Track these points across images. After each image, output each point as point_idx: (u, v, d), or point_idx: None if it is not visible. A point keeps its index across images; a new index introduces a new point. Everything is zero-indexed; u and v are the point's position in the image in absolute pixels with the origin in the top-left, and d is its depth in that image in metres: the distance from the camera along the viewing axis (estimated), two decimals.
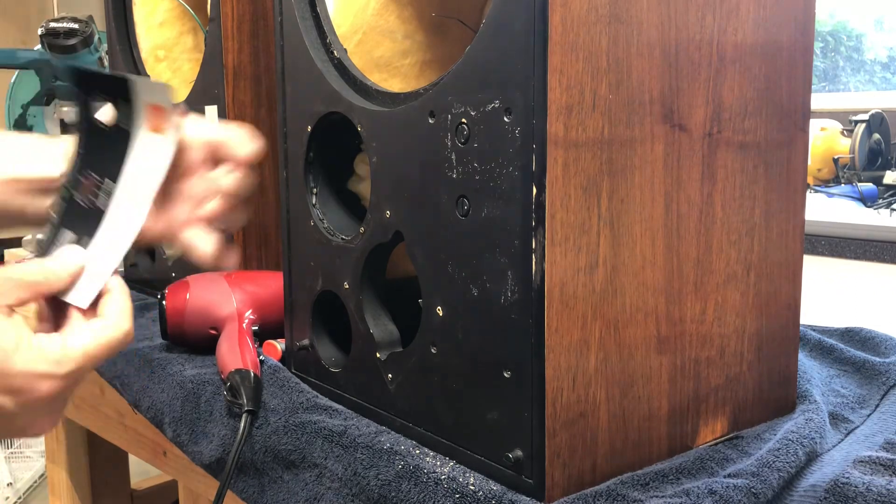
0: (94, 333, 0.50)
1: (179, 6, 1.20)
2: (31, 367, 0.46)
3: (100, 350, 0.50)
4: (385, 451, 0.67)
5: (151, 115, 0.55)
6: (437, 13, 0.86)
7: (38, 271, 0.50)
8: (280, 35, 0.80)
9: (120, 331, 0.51)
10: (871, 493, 0.58)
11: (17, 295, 0.49)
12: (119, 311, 0.51)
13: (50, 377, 0.47)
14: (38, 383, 0.47)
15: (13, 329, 0.47)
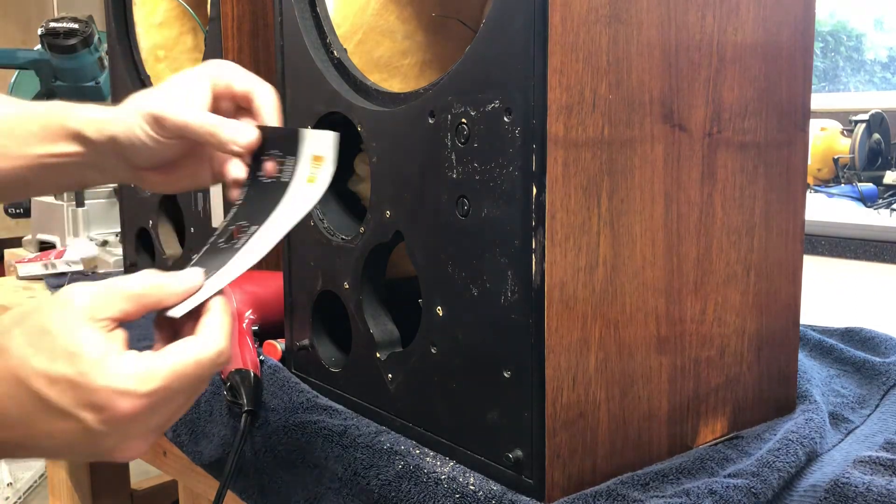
0: (184, 352, 0.47)
1: (179, 6, 1.20)
2: (113, 384, 0.44)
3: (190, 369, 0.47)
4: (385, 451, 0.67)
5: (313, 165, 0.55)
6: (437, 13, 0.86)
7: (149, 284, 0.49)
8: (280, 35, 0.80)
9: (213, 350, 0.48)
10: (871, 493, 0.58)
11: (121, 307, 0.47)
12: (215, 330, 0.49)
13: (131, 395, 0.45)
14: (119, 400, 0.45)
15: (104, 344, 0.45)
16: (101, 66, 1.79)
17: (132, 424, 0.46)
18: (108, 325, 0.46)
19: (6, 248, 1.83)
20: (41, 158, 0.65)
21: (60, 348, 0.44)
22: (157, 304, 0.49)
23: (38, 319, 0.46)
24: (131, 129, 0.61)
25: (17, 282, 1.44)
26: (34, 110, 0.66)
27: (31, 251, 1.64)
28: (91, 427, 0.45)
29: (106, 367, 0.45)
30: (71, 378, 0.44)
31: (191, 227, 1.09)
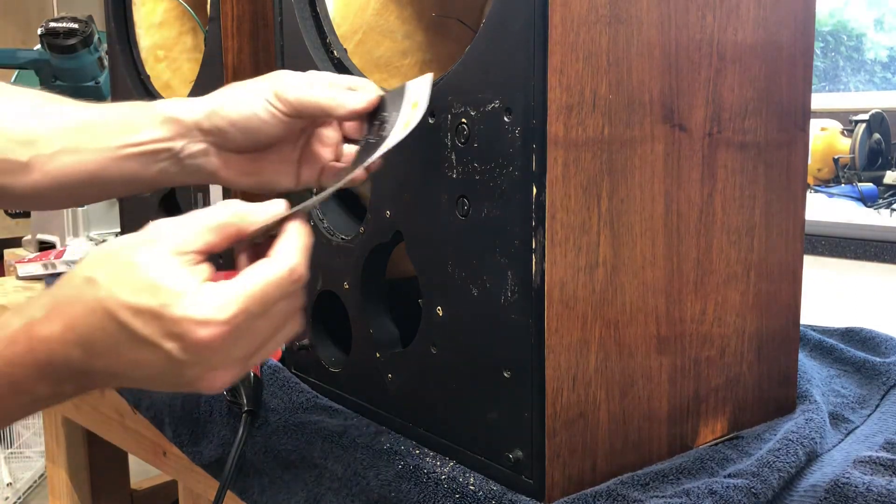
0: (257, 275, 0.47)
1: (179, 6, 1.20)
2: (192, 313, 0.45)
3: (263, 289, 0.47)
4: (385, 451, 0.67)
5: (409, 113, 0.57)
6: (437, 13, 0.86)
7: (230, 213, 0.49)
8: (280, 35, 0.80)
9: (285, 267, 0.48)
10: (871, 493, 0.58)
11: (205, 239, 0.48)
12: (287, 249, 0.49)
13: (210, 323, 0.45)
14: (199, 329, 0.45)
15: (186, 277, 0.46)
16: (101, 66, 1.79)
17: (215, 353, 0.46)
18: (193, 259, 0.47)
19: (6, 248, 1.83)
20: (117, 150, 0.64)
21: (144, 281, 0.46)
22: (238, 232, 0.49)
23: (124, 254, 0.47)
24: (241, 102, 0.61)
25: (17, 282, 1.44)
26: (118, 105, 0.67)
27: (31, 251, 1.64)
28: (175, 356, 0.46)
29: (186, 297, 0.46)
30: (153, 309, 0.45)
31: None
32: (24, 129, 0.65)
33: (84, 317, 0.47)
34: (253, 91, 0.62)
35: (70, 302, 0.47)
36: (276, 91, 0.61)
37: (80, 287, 0.47)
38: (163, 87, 1.21)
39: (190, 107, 0.64)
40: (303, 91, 0.61)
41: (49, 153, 0.65)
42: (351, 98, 0.61)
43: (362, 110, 0.61)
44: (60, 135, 0.65)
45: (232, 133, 0.63)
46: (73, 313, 0.47)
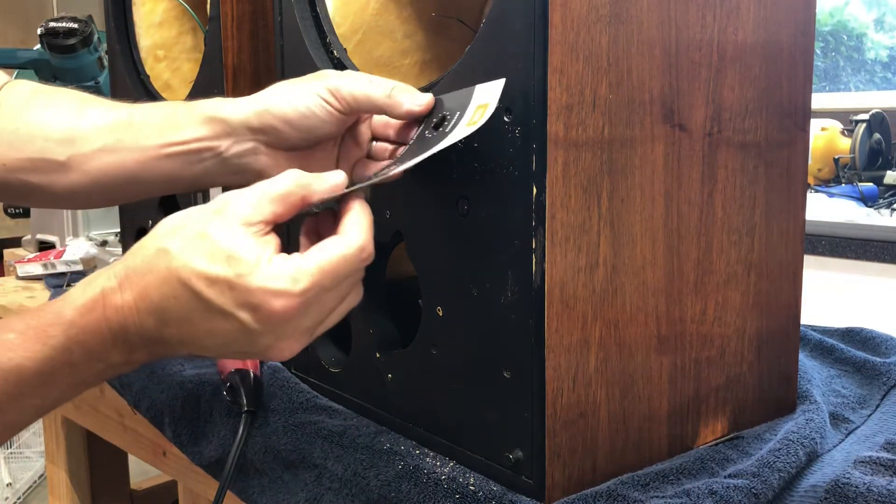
0: (328, 250, 0.49)
1: (179, 6, 1.20)
2: (267, 284, 0.47)
3: (335, 264, 0.49)
4: (385, 452, 0.67)
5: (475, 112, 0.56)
6: (437, 13, 0.86)
7: (293, 183, 0.50)
8: (280, 35, 0.80)
9: (355, 245, 0.50)
10: (871, 494, 0.58)
11: (271, 210, 0.49)
12: (356, 227, 0.51)
13: (285, 294, 0.47)
14: (274, 300, 0.47)
15: (258, 247, 0.48)
16: (101, 65, 1.79)
17: (286, 324, 0.48)
18: (261, 230, 0.49)
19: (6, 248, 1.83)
20: (159, 150, 0.65)
21: (219, 251, 0.47)
22: (302, 200, 0.51)
23: (196, 225, 0.48)
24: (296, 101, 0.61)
25: (17, 282, 1.44)
26: (159, 105, 0.67)
27: (31, 251, 1.64)
28: (248, 326, 0.48)
29: (261, 268, 0.47)
30: (229, 279, 0.47)
31: None
32: (64, 128, 0.66)
33: (157, 286, 0.48)
34: (307, 89, 0.62)
35: (143, 272, 0.48)
36: (331, 88, 0.61)
37: (152, 257, 0.48)
38: (163, 87, 1.21)
39: (235, 106, 0.64)
40: (360, 88, 0.61)
41: (88, 152, 0.65)
42: (408, 99, 0.61)
43: (419, 112, 0.61)
44: (100, 133, 0.65)
45: (286, 131, 0.63)
46: (146, 283, 0.48)
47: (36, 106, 0.68)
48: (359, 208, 0.52)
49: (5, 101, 0.69)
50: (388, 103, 0.61)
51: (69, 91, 0.71)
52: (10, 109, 0.68)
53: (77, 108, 0.67)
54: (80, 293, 0.50)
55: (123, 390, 0.93)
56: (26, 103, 0.68)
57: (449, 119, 0.59)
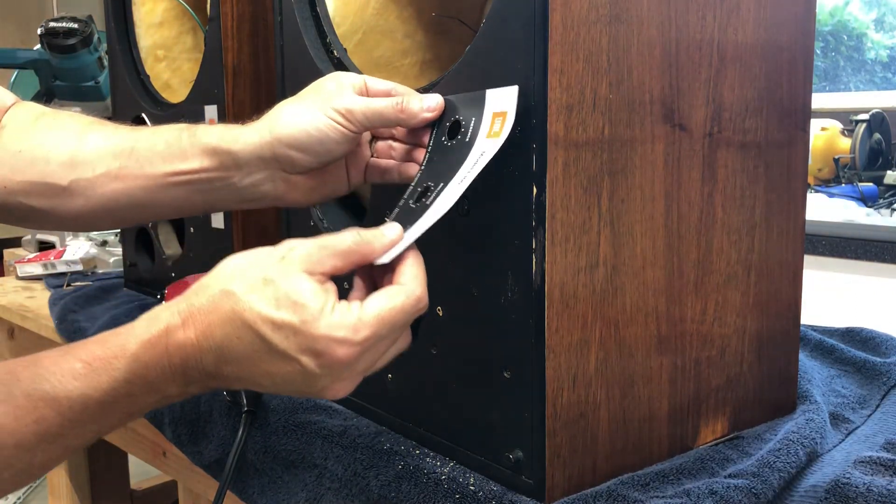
0: (387, 300, 0.51)
1: (179, 6, 1.20)
2: (331, 332, 0.49)
3: (393, 315, 0.51)
4: (385, 452, 0.67)
5: (493, 121, 0.56)
6: (437, 13, 0.86)
7: (357, 242, 0.52)
8: (280, 35, 0.80)
9: (412, 296, 0.52)
10: (871, 494, 0.58)
11: (332, 264, 0.51)
12: (412, 278, 0.53)
13: (347, 343, 0.49)
14: (337, 348, 0.49)
15: (321, 295, 0.50)
16: (101, 65, 1.79)
17: (344, 369, 0.50)
18: (322, 279, 0.51)
19: (6, 248, 1.83)
20: (168, 177, 0.65)
21: (284, 297, 0.49)
22: (363, 259, 0.53)
23: (261, 270, 0.50)
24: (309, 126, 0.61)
25: (17, 282, 1.44)
26: (160, 131, 0.67)
27: (31, 251, 1.64)
28: (309, 369, 0.50)
29: (324, 316, 0.49)
30: (295, 325, 0.49)
31: (191, 226, 1.09)
32: (66, 152, 0.66)
33: (221, 325, 0.50)
34: (315, 111, 0.62)
35: (207, 310, 0.50)
36: (342, 110, 0.61)
37: (217, 297, 0.50)
38: (163, 86, 1.21)
39: (242, 138, 0.63)
40: (369, 105, 0.61)
41: (91, 177, 0.66)
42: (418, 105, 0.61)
43: (433, 117, 0.61)
44: (102, 159, 0.66)
45: (301, 158, 0.63)
46: (210, 321, 0.50)
47: (39, 129, 0.68)
48: (414, 259, 0.54)
49: (9, 124, 0.69)
50: (400, 117, 0.61)
51: (73, 114, 0.71)
52: (13, 132, 0.68)
53: (79, 132, 0.67)
54: (144, 328, 0.51)
55: None
56: (29, 126, 0.68)
57: (465, 126, 0.59)
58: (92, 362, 0.50)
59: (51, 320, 1.15)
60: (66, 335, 1.08)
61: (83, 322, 1.09)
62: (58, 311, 1.14)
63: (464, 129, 0.59)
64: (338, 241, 0.52)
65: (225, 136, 0.64)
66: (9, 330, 1.38)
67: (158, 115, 1.15)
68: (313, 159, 0.63)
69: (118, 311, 1.11)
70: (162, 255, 1.17)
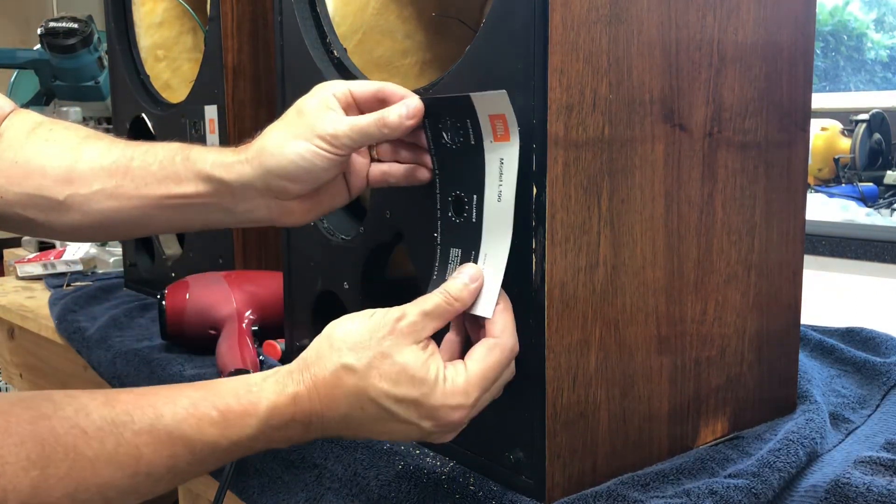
0: (487, 358, 0.55)
1: (179, 6, 1.20)
2: (447, 401, 0.54)
3: (494, 371, 0.56)
4: (385, 452, 0.67)
5: (494, 124, 0.56)
6: (437, 13, 0.86)
7: (446, 301, 0.56)
8: (280, 35, 0.80)
9: (507, 349, 0.56)
10: (871, 494, 0.58)
11: (433, 327, 0.56)
12: (504, 329, 0.56)
13: (461, 408, 0.54)
14: (453, 413, 0.54)
15: (433, 364, 0.54)
16: (101, 65, 1.79)
17: (458, 424, 0.56)
18: (426, 345, 0.55)
19: (6, 248, 1.83)
20: (163, 199, 0.65)
21: (402, 373, 0.54)
22: (457, 313, 0.57)
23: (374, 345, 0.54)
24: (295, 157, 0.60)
25: (17, 282, 1.44)
26: (155, 151, 0.67)
27: (31, 251, 1.64)
28: (427, 429, 0.55)
29: (439, 387, 0.54)
30: (415, 399, 0.54)
31: None
32: (62, 166, 0.67)
33: (346, 398, 0.54)
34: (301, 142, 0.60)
35: (331, 384, 0.54)
36: (324, 135, 0.60)
37: (339, 372, 0.54)
38: (163, 87, 1.21)
39: (235, 168, 0.63)
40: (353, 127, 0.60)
41: (87, 193, 0.66)
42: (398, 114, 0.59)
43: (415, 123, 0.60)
44: (97, 176, 0.66)
45: (293, 187, 0.62)
46: (335, 395, 0.54)
47: (35, 140, 0.68)
48: (503, 307, 0.57)
49: (6, 132, 0.69)
50: (384, 133, 0.60)
51: (69, 125, 0.71)
52: (10, 141, 0.68)
53: (74, 146, 0.67)
54: (273, 392, 0.55)
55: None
56: (26, 137, 0.68)
57: (462, 127, 0.58)
58: (227, 414, 0.53)
59: (51, 320, 1.15)
60: (66, 335, 1.08)
61: (83, 322, 1.09)
62: (58, 311, 1.14)
63: (462, 131, 0.58)
64: (433, 305, 0.55)
65: (218, 163, 0.64)
66: (9, 330, 1.38)
67: (158, 115, 1.15)
68: (305, 186, 0.62)
69: (118, 311, 1.11)
70: (162, 255, 1.17)
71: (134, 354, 0.93)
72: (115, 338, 1.01)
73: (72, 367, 1.19)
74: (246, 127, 1.03)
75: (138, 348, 0.95)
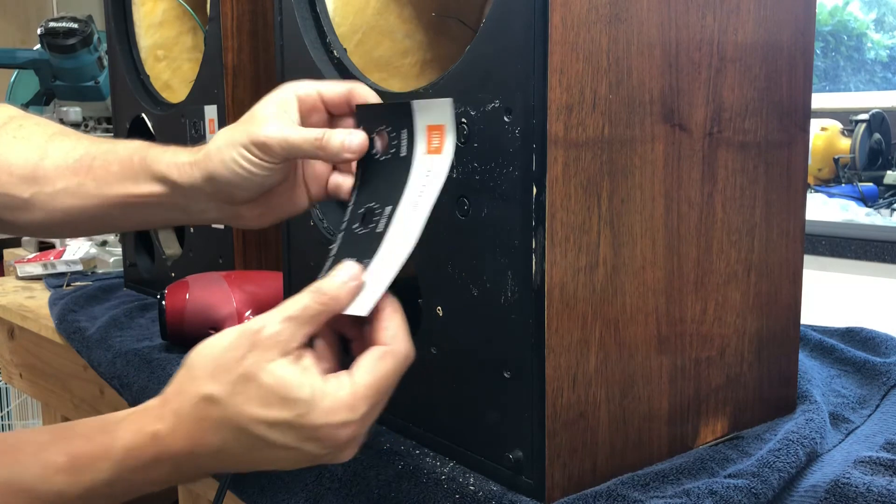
0: (377, 368, 0.50)
1: (179, 6, 1.20)
2: (329, 419, 0.48)
3: (386, 381, 0.50)
4: (385, 451, 0.67)
5: (430, 135, 0.54)
6: (437, 13, 0.86)
7: (317, 301, 0.51)
8: (280, 35, 0.80)
9: (400, 356, 0.51)
10: (871, 494, 0.58)
11: (303, 333, 0.50)
12: (395, 335, 0.52)
13: (348, 424, 0.49)
14: (339, 431, 0.49)
15: (307, 379, 0.49)
16: (101, 65, 1.79)
17: (350, 441, 0.50)
18: (298, 355, 0.49)
19: (5, 248, 1.83)
20: (122, 198, 0.65)
21: (270, 394, 0.48)
22: (332, 313, 0.51)
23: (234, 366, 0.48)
24: (231, 163, 0.59)
25: (17, 282, 1.44)
26: (116, 150, 0.66)
27: (31, 251, 1.64)
28: (313, 453, 0.49)
29: (318, 405, 0.48)
30: (290, 421, 0.48)
31: (190, 227, 1.09)
32: (28, 164, 0.66)
33: (215, 432, 0.49)
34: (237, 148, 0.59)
35: (195, 419, 0.49)
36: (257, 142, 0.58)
37: (201, 406, 0.49)
38: (163, 87, 1.21)
39: (185, 170, 0.62)
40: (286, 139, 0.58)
41: (50, 192, 0.66)
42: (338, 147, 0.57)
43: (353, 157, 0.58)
44: (61, 175, 0.66)
45: (237, 193, 0.61)
46: (201, 431, 0.49)
47: (2, 137, 0.68)
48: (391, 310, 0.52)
49: None
50: (319, 154, 0.58)
51: (39, 122, 0.70)
52: None
53: (41, 143, 0.67)
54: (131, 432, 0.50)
55: (123, 390, 0.93)
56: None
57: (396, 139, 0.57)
58: (76, 459, 0.49)
59: (51, 320, 1.15)
60: (66, 335, 1.08)
61: (83, 322, 1.09)
62: (58, 311, 1.14)
63: (395, 142, 0.57)
64: (302, 307, 0.50)
65: (172, 164, 0.63)
66: (9, 330, 1.38)
67: (158, 115, 1.15)
68: (248, 193, 0.61)
69: (118, 311, 1.11)
70: (162, 255, 1.17)
71: (134, 354, 0.93)
72: (115, 338, 1.01)
73: (72, 367, 1.19)
74: None
75: (138, 348, 0.95)
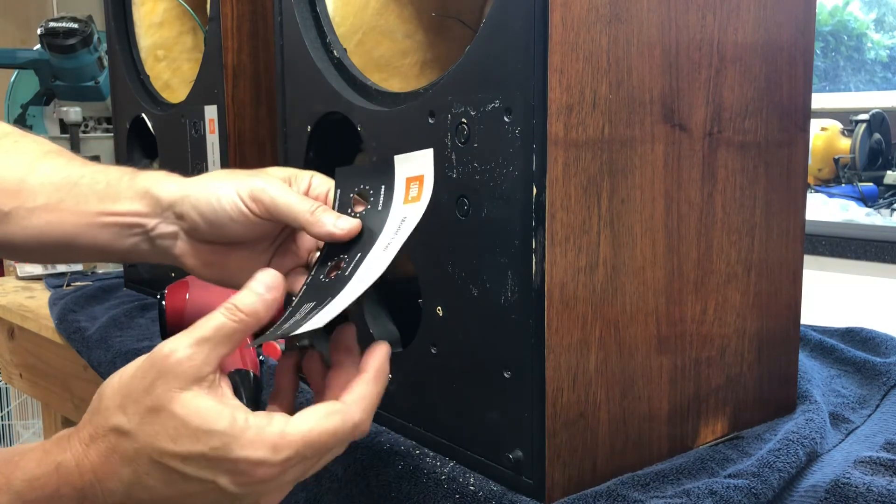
0: (319, 421, 0.48)
1: (179, 6, 1.20)
2: (247, 455, 0.46)
3: (322, 438, 0.48)
4: (385, 451, 0.67)
5: (409, 186, 0.54)
6: (437, 13, 0.86)
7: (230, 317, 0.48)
8: (280, 35, 0.80)
9: (349, 422, 0.48)
10: (871, 494, 0.58)
11: (217, 355, 0.48)
12: (357, 400, 0.49)
13: (266, 464, 0.46)
14: (256, 469, 0.46)
15: (225, 410, 0.47)
16: (101, 65, 1.79)
17: (267, 484, 0.47)
18: (211, 380, 0.47)
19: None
20: (95, 216, 0.63)
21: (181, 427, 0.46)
22: (250, 330, 0.49)
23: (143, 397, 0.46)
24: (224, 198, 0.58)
25: (17, 282, 1.44)
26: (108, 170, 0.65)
27: None
28: (228, 489, 0.47)
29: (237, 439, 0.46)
30: (203, 453, 0.46)
31: None
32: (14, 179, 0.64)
33: (125, 465, 0.47)
34: (232, 185, 0.59)
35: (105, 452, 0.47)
36: (254, 191, 0.58)
37: (111, 438, 0.47)
38: (163, 87, 1.21)
39: (170, 186, 0.61)
40: (283, 198, 0.57)
41: (30, 207, 0.64)
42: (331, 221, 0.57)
43: (340, 237, 0.57)
44: (45, 191, 0.64)
45: (198, 222, 0.60)
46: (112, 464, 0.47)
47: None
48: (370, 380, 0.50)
49: None
50: (308, 220, 0.57)
51: (36, 140, 0.69)
52: None
53: (32, 160, 0.66)
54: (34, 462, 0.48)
55: None
56: None
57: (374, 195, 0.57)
58: None
59: (51, 320, 1.15)
60: (67, 335, 1.08)
61: (83, 322, 1.09)
62: (58, 311, 1.14)
63: (373, 197, 0.57)
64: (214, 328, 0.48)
65: (157, 180, 0.62)
66: (9, 330, 1.38)
67: (158, 115, 1.15)
68: (207, 228, 0.60)
69: (118, 311, 1.11)
70: None
71: (134, 354, 0.93)
72: (115, 338, 1.01)
73: (72, 367, 1.19)
74: (246, 127, 1.03)
75: (138, 348, 0.95)
